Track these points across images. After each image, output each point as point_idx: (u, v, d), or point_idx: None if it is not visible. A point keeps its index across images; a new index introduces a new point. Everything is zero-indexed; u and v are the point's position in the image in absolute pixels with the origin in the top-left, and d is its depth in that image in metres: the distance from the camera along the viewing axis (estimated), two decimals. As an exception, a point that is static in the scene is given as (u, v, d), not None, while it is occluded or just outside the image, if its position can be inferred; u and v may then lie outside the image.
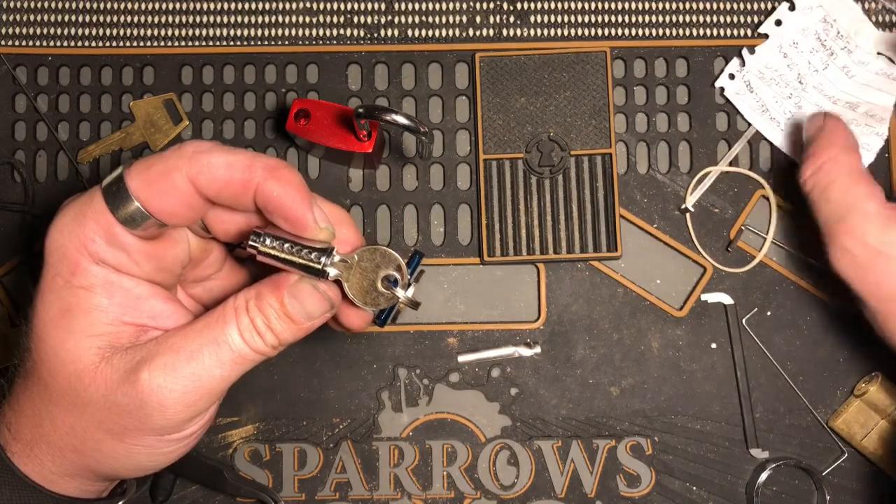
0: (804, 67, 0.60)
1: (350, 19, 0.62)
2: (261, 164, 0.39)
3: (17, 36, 0.62)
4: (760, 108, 0.60)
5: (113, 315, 0.40)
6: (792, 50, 0.60)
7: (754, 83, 0.60)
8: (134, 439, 0.40)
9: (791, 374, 0.59)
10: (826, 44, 0.60)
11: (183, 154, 0.39)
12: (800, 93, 0.60)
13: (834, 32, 0.60)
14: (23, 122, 0.61)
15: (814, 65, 0.60)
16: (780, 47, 0.60)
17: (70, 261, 0.40)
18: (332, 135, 0.57)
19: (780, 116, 0.60)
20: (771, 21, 0.61)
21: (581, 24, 0.62)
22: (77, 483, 0.43)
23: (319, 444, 0.59)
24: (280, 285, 0.40)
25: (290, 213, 0.39)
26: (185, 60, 0.61)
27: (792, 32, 0.60)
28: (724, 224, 0.60)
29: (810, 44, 0.60)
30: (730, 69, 0.61)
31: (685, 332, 0.59)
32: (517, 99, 0.60)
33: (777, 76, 0.60)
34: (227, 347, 0.40)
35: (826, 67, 0.60)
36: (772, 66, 0.60)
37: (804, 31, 0.60)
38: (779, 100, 0.60)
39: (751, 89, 0.60)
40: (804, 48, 0.60)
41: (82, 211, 0.40)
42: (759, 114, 0.60)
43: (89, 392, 0.39)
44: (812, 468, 0.58)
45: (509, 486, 0.58)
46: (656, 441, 0.58)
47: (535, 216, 0.59)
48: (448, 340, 0.59)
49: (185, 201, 0.39)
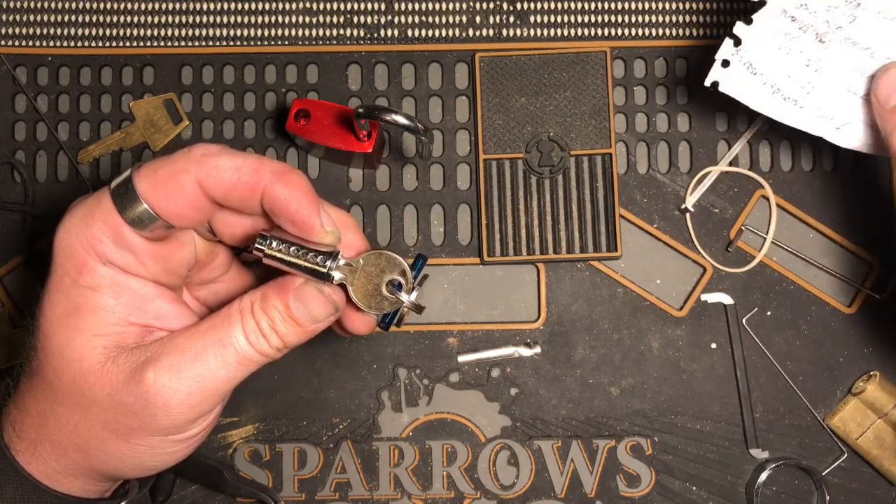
0: (822, 27, 0.50)
1: (350, 19, 0.62)
2: (268, 168, 0.39)
3: (17, 36, 0.62)
4: (770, 90, 0.51)
5: (119, 315, 0.40)
6: (801, 12, 0.49)
7: (757, 62, 0.51)
8: (138, 439, 0.41)
9: (791, 374, 0.59)
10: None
11: (191, 157, 0.39)
12: (820, 53, 0.50)
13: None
14: (23, 122, 0.61)
15: (835, 22, 0.49)
16: (784, 11, 0.50)
17: (77, 260, 0.40)
18: (332, 135, 0.57)
19: (797, 92, 0.51)
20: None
21: (581, 24, 0.62)
22: (81, 483, 0.43)
23: (319, 444, 0.59)
24: (285, 288, 0.41)
25: (296, 216, 0.40)
26: (185, 60, 0.61)
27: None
28: (724, 224, 0.60)
29: (825, 1, 0.49)
30: (722, 54, 0.51)
31: (685, 332, 0.59)
32: (517, 99, 0.60)
33: (787, 43, 0.50)
34: (231, 349, 0.40)
35: (853, 20, 0.49)
36: (777, 33, 0.50)
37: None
38: (793, 72, 0.51)
39: (753, 70, 0.51)
40: (818, 7, 0.49)
41: (90, 211, 0.40)
42: (768, 97, 0.51)
43: (94, 391, 0.40)
44: (812, 468, 0.58)
45: (509, 486, 0.58)
46: (656, 441, 0.58)
47: (535, 216, 0.59)
48: (448, 340, 0.59)
49: (193, 203, 0.40)
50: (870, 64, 0.50)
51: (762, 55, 0.51)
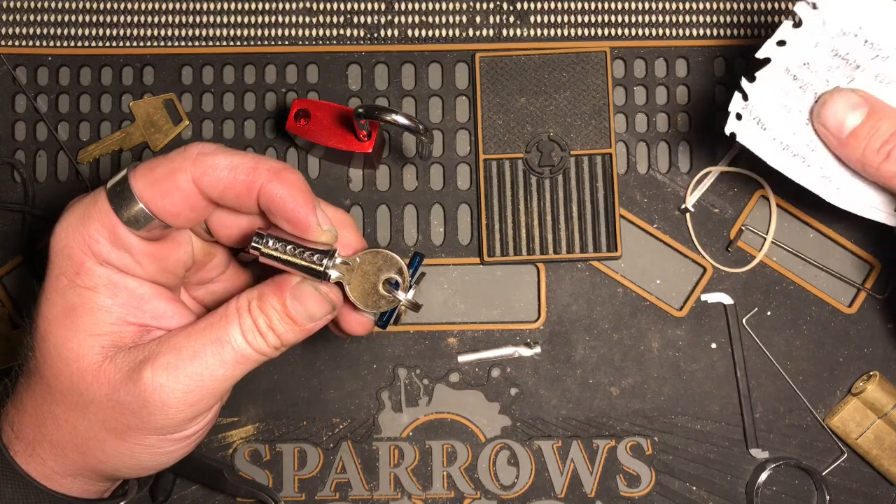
0: (822, 87, 0.50)
1: (350, 19, 0.62)
2: (265, 167, 0.40)
3: (17, 36, 0.62)
4: (780, 146, 0.51)
5: (116, 315, 0.40)
6: (804, 71, 0.50)
7: (765, 118, 0.51)
8: (136, 438, 0.41)
9: (791, 374, 0.59)
10: (849, 57, 0.50)
11: (187, 156, 0.39)
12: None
13: (860, 42, 0.50)
14: (23, 122, 0.61)
15: (834, 83, 0.50)
16: (787, 70, 0.50)
17: (74, 261, 0.40)
18: (332, 135, 0.57)
19: (803, 150, 0.51)
20: (771, 43, 0.51)
21: (581, 24, 0.62)
22: (79, 483, 0.43)
23: (319, 444, 0.59)
24: (282, 286, 0.41)
25: (293, 214, 0.40)
26: (185, 60, 0.61)
27: (801, 51, 0.50)
28: (724, 224, 0.60)
29: (826, 62, 0.50)
30: (734, 108, 0.51)
31: (685, 332, 0.59)
32: (517, 99, 0.60)
33: (789, 101, 0.50)
34: (229, 347, 0.40)
35: (852, 81, 0.50)
36: (780, 91, 0.51)
37: (817, 46, 0.50)
38: (797, 129, 0.50)
39: (763, 126, 0.51)
40: (819, 67, 0.50)
41: (87, 211, 0.40)
42: (779, 152, 0.51)
43: (92, 391, 0.40)
44: (812, 468, 0.58)
45: (509, 486, 0.58)
46: (656, 441, 0.58)
47: (535, 216, 0.59)
48: (448, 340, 0.59)
49: (189, 202, 0.40)
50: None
51: (768, 112, 0.51)
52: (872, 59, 0.50)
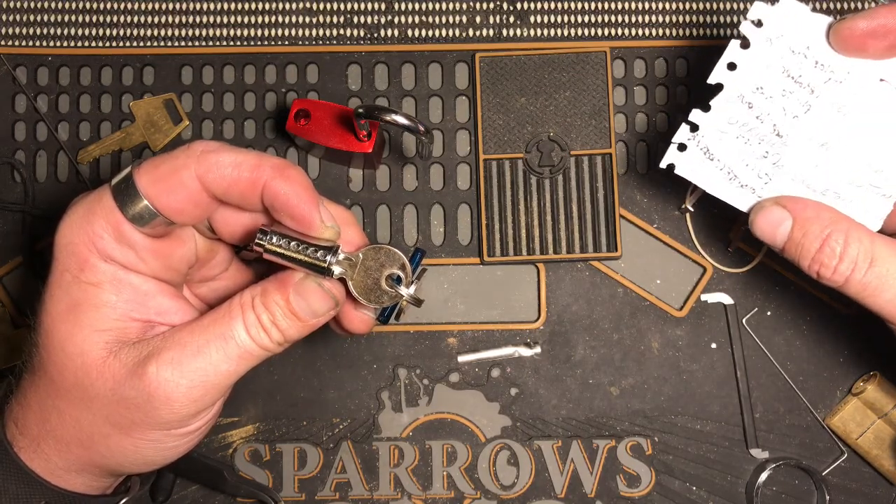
0: (779, 116, 0.47)
1: (350, 19, 0.62)
2: (268, 164, 0.40)
3: (17, 36, 0.62)
4: (727, 176, 0.48)
5: (121, 311, 0.40)
6: (757, 97, 0.48)
7: (714, 148, 0.48)
8: (140, 433, 0.41)
9: (791, 374, 0.59)
10: (802, 80, 0.47)
11: (191, 153, 0.40)
12: (779, 149, 0.48)
13: (810, 63, 0.47)
14: (23, 122, 0.61)
15: (791, 110, 0.47)
16: (741, 97, 0.48)
17: (79, 257, 0.40)
18: (332, 135, 0.57)
19: (755, 181, 0.48)
20: (722, 66, 0.48)
21: (581, 24, 0.62)
22: (83, 479, 0.43)
23: (319, 444, 0.58)
24: (286, 283, 0.41)
25: (296, 211, 0.40)
26: (185, 60, 0.61)
27: (753, 75, 0.48)
28: (724, 224, 0.60)
29: (780, 84, 0.47)
30: (678, 138, 0.48)
31: (685, 332, 0.59)
32: (517, 99, 0.60)
33: (746, 133, 0.48)
34: (233, 343, 0.40)
35: (808, 109, 0.47)
36: (735, 122, 0.48)
37: (768, 67, 0.48)
38: (751, 162, 0.48)
39: (710, 156, 0.48)
40: (773, 91, 0.47)
41: (91, 208, 0.40)
42: (725, 182, 0.48)
43: (96, 386, 0.40)
44: (812, 468, 0.58)
45: (509, 486, 0.58)
46: (656, 441, 0.58)
47: (535, 216, 0.59)
48: (448, 340, 0.59)
49: (193, 199, 0.40)
50: (824, 158, 0.48)
51: (719, 142, 0.48)
52: (826, 83, 0.47)
